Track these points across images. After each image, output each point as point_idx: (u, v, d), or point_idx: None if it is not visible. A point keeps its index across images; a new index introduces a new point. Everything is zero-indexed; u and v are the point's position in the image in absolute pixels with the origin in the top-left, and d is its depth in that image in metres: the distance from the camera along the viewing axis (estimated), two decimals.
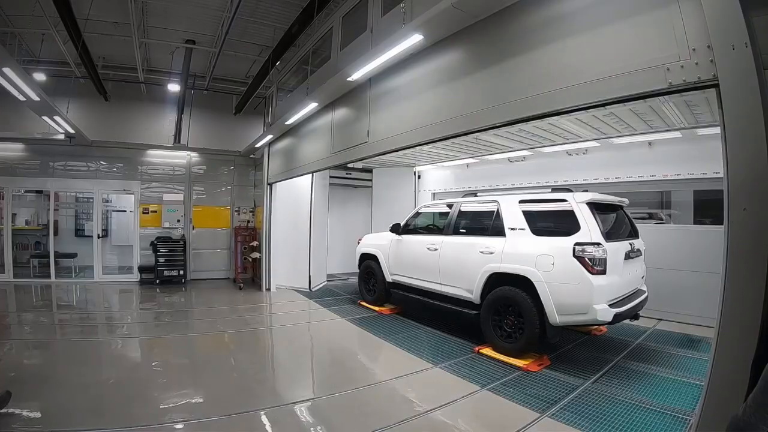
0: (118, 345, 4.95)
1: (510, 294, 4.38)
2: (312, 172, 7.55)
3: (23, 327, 5.54)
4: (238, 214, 10.57)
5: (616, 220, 4.70)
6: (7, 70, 4.77)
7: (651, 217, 6.46)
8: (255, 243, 9.47)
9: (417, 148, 4.76)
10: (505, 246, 4.57)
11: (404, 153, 6.37)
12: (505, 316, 4.45)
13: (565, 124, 5.18)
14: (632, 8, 2.44)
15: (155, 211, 9.72)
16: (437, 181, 9.60)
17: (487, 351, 4.51)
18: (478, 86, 3.52)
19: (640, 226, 5.09)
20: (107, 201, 10.44)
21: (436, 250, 5.48)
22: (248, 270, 9.93)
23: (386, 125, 4.80)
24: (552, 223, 4.44)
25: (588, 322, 4.00)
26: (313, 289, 8.35)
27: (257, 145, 9.21)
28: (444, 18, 3.50)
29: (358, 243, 7.33)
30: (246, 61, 9.94)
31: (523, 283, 4.28)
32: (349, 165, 8.30)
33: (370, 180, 10.44)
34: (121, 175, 9.57)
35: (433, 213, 6.70)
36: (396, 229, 6.42)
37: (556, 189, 4.78)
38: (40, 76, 8.76)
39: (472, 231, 5.28)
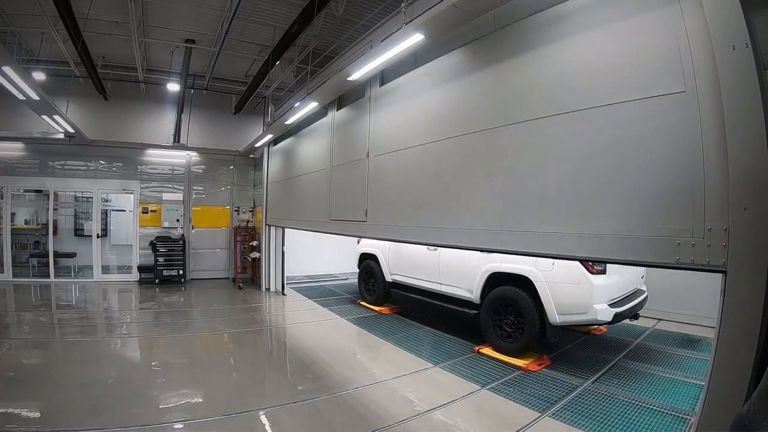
0: (118, 345, 4.94)
1: (510, 294, 4.38)
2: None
3: (22, 326, 5.52)
4: (238, 214, 10.56)
5: None
6: (6, 69, 4.75)
7: None
8: (254, 243, 9.46)
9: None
10: None
11: None
12: (504, 315, 4.45)
13: None
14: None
15: (154, 211, 9.71)
16: None
17: (487, 351, 4.51)
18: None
19: None
20: (106, 200, 10.44)
21: (436, 249, 5.48)
22: (248, 270, 9.92)
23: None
24: None
25: (588, 322, 4.01)
26: (285, 293, 8.19)
27: (257, 145, 9.20)
28: (444, 18, 3.49)
29: (358, 243, 7.32)
30: (246, 61, 9.92)
31: (523, 282, 4.28)
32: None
33: None
34: (121, 175, 9.56)
35: None
36: None
37: None
38: (39, 75, 8.72)
39: None
